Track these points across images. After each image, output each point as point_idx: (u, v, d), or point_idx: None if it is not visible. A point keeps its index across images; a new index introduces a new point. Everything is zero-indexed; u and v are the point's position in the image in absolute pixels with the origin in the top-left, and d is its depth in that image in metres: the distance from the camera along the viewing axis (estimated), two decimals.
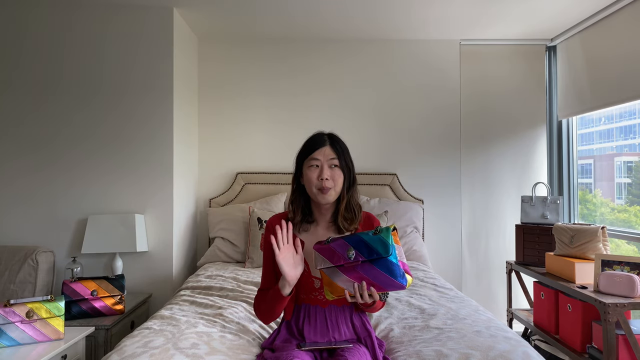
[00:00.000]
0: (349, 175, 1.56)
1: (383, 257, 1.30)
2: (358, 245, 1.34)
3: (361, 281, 1.33)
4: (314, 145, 1.55)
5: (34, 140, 2.90)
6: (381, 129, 3.57)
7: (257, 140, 3.55)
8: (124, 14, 2.93)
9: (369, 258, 1.32)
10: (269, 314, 1.55)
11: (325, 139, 1.56)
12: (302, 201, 1.59)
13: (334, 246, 1.38)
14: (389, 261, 1.30)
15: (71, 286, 2.36)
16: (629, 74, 2.79)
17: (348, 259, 1.33)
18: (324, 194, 1.50)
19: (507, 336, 1.64)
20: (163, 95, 2.94)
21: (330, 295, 1.40)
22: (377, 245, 1.31)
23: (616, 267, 2.33)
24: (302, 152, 1.58)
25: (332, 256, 1.37)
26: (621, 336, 2.17)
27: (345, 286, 1.35)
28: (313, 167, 1.52)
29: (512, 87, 3.63)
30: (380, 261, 1.31)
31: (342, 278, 1.35)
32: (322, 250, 1.39)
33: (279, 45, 3.57)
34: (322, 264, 1.39)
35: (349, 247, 1.34)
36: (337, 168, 1.53)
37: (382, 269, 1.31)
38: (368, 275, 1.32)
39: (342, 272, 1.35)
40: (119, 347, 1.57)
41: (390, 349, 1.68)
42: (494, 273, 3.59)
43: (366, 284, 1.33)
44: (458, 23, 3.25)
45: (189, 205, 3.33)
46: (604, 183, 3.37)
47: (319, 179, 1.50)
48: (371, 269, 1.32)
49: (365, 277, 1.33)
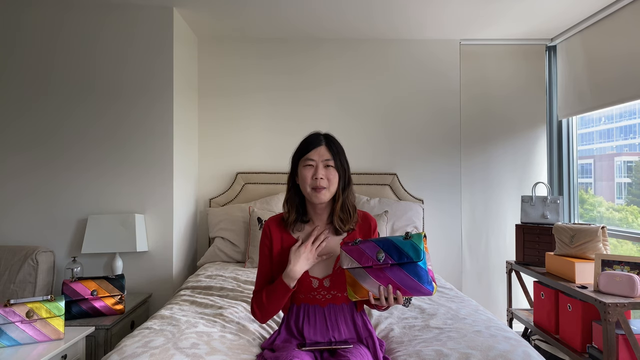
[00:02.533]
0: (344, 175, 1.56)
1: (413, 262, 1.32)
2: (388, 248, 1.35)
3: (387, 284, 1.34)
4: (309, 145, 1.55)
5: (34, 140, 2.90)
6: (381, 128, 3.57)
7: (257, 140, 3.55)
8: (124, 14, 2.93)
9: (399, 262, 1.33)
10: (271, 311, 1.54)
11: (321, 139, 1.57)
12: (297, 200, 1.59)
13: (363, 247, 1.38)
14: (419, 266, 1.32)
15: (71, 286, 2.36)
16: (629, 73, 2.79)
17: (377, 260, 1.34)
18: (317, 193, 1.50)
19: (507, 336, 1.64)
20: (163, 95, 2.94)
21: (353, 296, 1.40)
22: (408, 250, 1.33)
23: (616, 267, 2.33)
24: (298, 151, 1.59)
25: (361, 257, 1.37)
26: (621, 336, 2.17)
27: (370, 288, 1.36)
28: (308, 166, 1.53)
29: (512, 87, 3.63)
30: (410, 266, 1.32)
31: (368, 280, 1.36)
32: (351, 251, 1.39)
33: (279, 46, 3.57)
34: (349, 264, 1.38)
35: (379, 249, 1.35)
36: (332, 168, 1.53)
37: (410, 274, 1.32)
38: (395, 279, 1.33)
39: (369, 273, 1.35)
40: (119, 347, 1.57)
41: (390, 349, 1.69)
42: (494, 273, 3.59)
43: (392, 287, 1.34)
44: (458, 23, 3.25)
45: (189, 205, 3.33)
46: (603, 183, 3.37)
47: (313, 178, 1.51)
48: (400, 272, 1.33)
49: (393, 280, 1.33)
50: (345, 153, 1.60)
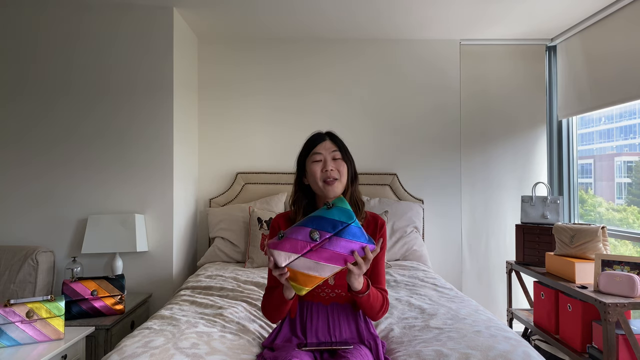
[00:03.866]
0: (351, 167, 1.59)
1: (348, 225, 1.28)
2: (319, 224, 1.28)
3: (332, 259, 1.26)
4: (314, 142, 1.58)
5: (34, 140, 2.90)
6: (381, 128, 3.57)
7: (257, 140, 3.55)
8: (124, 14, 2.93)
9: (335, 232, 1.27)
10: (275, 314, 1.55)
11: (324, 135, 1.61)
12: (305, 201, 1.60)
13: (293, 236, 1.28)
14: (352, 227, 1.28)
15: (71, 286, 2.36)
16: (629, 73, 2.79)
17: (314, 241, 1.26)
18: (330, 185, 1.51)
19: (507, 336, 1.64)
20: (163, 95, 2.94)
21: (302, 289, 1.28)
22: (339, 217, 1.29)
23: (616, 267, 2.33)
24: (303, 151, 1.61)
25: (295, 246, 1.27)
26: (621, 336, 2.17)
27: (317, 272, 1.26)
28: (316, 161, 1.54)
29: (512, 87, 3.63)
30: (346, 230, 1.27)
31: (311, 264, 1.26)
32: (281, 246, 1.27)
33: (279, 45, 3.57)
34: (285, 259, 1.26)
35: (311, 229, 1.27)
36: (340, 160, 1.55)
37: (347, 237, 1.27)
38: (336, 249, 1.26)
39: (310, 257, 1.26)
40: (119, 347, 1.57)
41: (390, 349, 1.68)
42: (494, 273, 3.59)
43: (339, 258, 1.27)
44: (458, 23, 3.25)
45: (189, 205, 3.33)
46: (603, 183, 3.37)
47: (323, 171, 1.52)
48: (337, 241, 1.27)
49: (334, 251, 1.26)
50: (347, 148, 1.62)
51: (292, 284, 1.30)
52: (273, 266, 1.29)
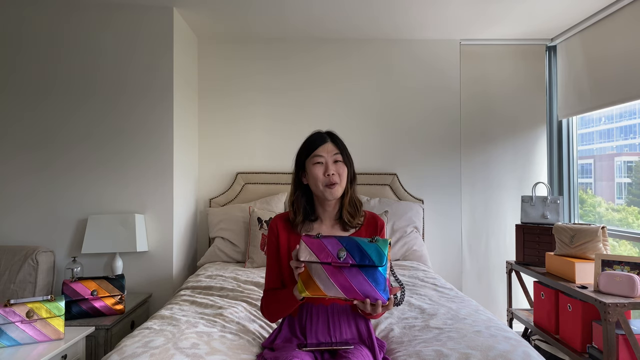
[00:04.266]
0: (350, 169, 1.60)
1: (374, 267, 1.27)
2: (351, 247, 1.29)
3: (341, 283, 1.27)
4: (315, 143, 1.57)
5: (34, 140, 2.90)
6: (381, 129, 3.57)
7: (257, 140, 3.55)
8: (124, 14, 2.93)
9: (360, 263, 1.27)
10: (277, 315, 1.56)
11: (325, 137, 1.60)
12: (304, 200, 1.60)
13: (325, 242, 1.31)
14: (379, 272, 1.27)
15: (71, 286, 2.36)
16: (629, 73, 2.79)
17: (337, 258, 1.28)
18: (331, 189, 1.52)
19: (507, 336, 1.64)
20: (163, 95, 2.94)
21: (303, 291, 1.31)
22: (371, 253, 1.28)
23: (616, 267, 2.33)
24: (303, 150, 1.60)
25: (321, 251, 1.29)
26: (621, 336, 2.17)
27: (323, 287, 1.28)
28: (318, 164, 1.54)
29: (512, 87, 3.63)
30: (370, 270, 1.27)
31: (324, 277, 1.28)
32: (311, 244, 1.31)
33: (279, 45, 3.57)
34: (307, 256, 1.30)
35: (342, 247, 1.29)
36: (341, 163, 1.55)
37: (369, 278, 1.27)
38: (352, 281, 1.27)
39: (326, 270, 1.28)
40: (119, 347, 1.57)
41: (390, 349, 1.68)
42: (494, 273, 3.59)
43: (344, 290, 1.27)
44: (458, 23, 3.25)
45: (189, 205, 3.33)
46: (603, 183, 3.37)
47: (325, 175, 1.52)
48: (358, 275, 1.27)
49: (349, 282, 1.27)
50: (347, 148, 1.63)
51: (298, 281, 1.32)
52: (295, 256, 1.33)
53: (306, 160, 1.57)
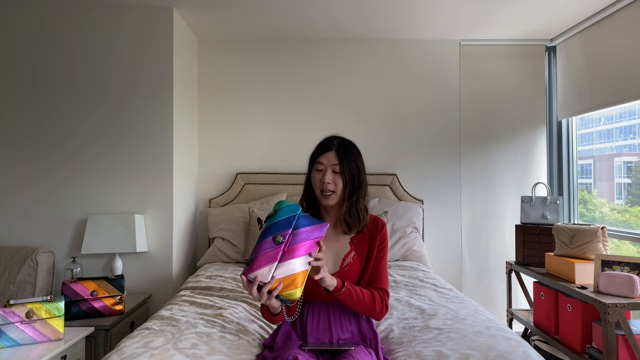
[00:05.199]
0: (352, 181, 1.55)
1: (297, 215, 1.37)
2: (276, 229, 1.37)
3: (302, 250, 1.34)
4: (321, 149, 1.59)
5: (34, 140, 2.90)
6: (381, 129, 3.57)
7: (257, 140, 3.55)
8: (124, 15, 2.93)
9: (292, 226, 1.36)
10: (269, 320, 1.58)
11: (333, 145, 1.57)
12: (312, 200, 1.63)
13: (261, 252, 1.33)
14: (303, 215, 1.39)
15: (71, 286, 2.36)
16: (628, 74, 2.79)
17: (281, 244, 1.34)
18: (324, 197, 1.55)
19: (507, 336, 1.64)
20: (162, 95, 2.94)
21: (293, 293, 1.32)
22: (286, 214, 1.39)
23: (616, 267, 2.33)
24: (314, 153, 1.62)
25: (270, 258, 1.32)
26: (621, 336, 2.17)
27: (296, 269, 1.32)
28: (318, 170, 1.57)
29: (512, 88, 3.63)
30: (300, 220, 1.37)
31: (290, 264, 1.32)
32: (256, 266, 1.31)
33: (279, 45, 3.57)
34: (269, 272, 1.30)
35: (273, 236, 1.35)
36: (339, 174, 1.54)
37: (307, 225, 1.38)
38: (303, 239, 1.35)
39: (286, 260, 1.32)
40: (119, 347, 1.57)
41: (390, 350, 1.68)
42: (494, 273, 3.59)
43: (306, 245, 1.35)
44: (458, 23, 3.25)
45: (189, 205, 3.33)
46: (603, 183, 3.37)
47: (321, 182, 1.54)
48: (298, 233, 1.36)
49: (303, 243, 1.35)
50: (360, 156, 1.60)
51: (283, 295, 1.33)
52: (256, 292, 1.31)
53: (313, 162, 1.60)
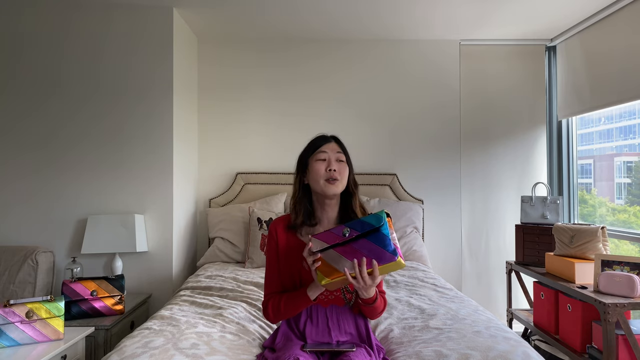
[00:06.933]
0: (352, 172, 1.62)
1: (375, 229, 1.36)
2: (353, 224, 1.40)
3: (354, 256, 1.36)
4: (319, 142, 1.60)
5: (34, 140, 2.90)
6: (381, 129, 3.57)
7: (257, 140, 3.55)
8: (124, 14, 2.93)
9: (362, 231, 1.37)
10: (285, 317, 1.56)
11: (330, 138, 1.63)
12: (306, 202, 1.60)
13: (332, 230, 1.43)
14: (381, 233, 1.36)
15: (71, 286, 2.36)
16: (629, 73, 2.79)
17: (343, 236, 1.38)
18: (331, 185, 1.53)
19: (507, 336, 1.64)
20: (163, 95, 2.94)
21: (323, 278, 1.40)
22: (370, 220, 1.38)
23: (616, 267, 2.33)
24: (308, 149, 1.62)
25: (329, 238, 1.41)
26: (621, 336, 2.17)
27: (338, 266, 1.38)
28: (320, 160, 1.56)
29: (512, 87, 3.63)
30: (373, 234, 1.36)
31: (336, 257, 1.38)
32: (319, 237, 1.44)
33: (279, 45, 3.57)
34: (318, 246, 1.42)
35: (344, 227, 1.40)
36: (344, 163, 1.58)
37: (373, 241, 1.36)
38: (361, 249, 1.37)
39: (338, 251, 1.39)
40: (119, 347, 1.57)
41: (390, 350, 1.68)
42: (494, 273, 3.59)
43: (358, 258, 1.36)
44: (458, 23, 3.25)
45: (189, 205, 3.33)
46: (603, 183, 3.37)
47: (327, 170, 1.54)
48: (364, 242, 1.37)
49: (359, 251, 1.37)
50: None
51: (317, 273, 1.40)
52: (308, 252, 1.41)
53: (309, 158, 1.59)
